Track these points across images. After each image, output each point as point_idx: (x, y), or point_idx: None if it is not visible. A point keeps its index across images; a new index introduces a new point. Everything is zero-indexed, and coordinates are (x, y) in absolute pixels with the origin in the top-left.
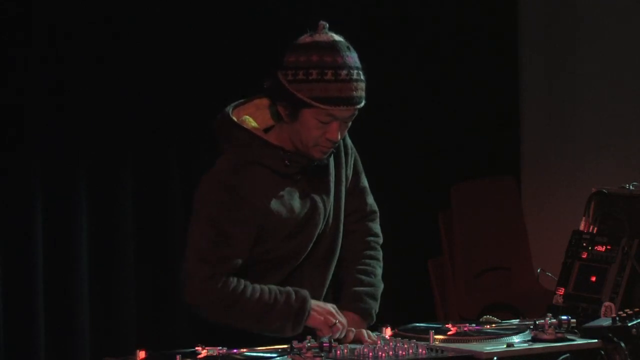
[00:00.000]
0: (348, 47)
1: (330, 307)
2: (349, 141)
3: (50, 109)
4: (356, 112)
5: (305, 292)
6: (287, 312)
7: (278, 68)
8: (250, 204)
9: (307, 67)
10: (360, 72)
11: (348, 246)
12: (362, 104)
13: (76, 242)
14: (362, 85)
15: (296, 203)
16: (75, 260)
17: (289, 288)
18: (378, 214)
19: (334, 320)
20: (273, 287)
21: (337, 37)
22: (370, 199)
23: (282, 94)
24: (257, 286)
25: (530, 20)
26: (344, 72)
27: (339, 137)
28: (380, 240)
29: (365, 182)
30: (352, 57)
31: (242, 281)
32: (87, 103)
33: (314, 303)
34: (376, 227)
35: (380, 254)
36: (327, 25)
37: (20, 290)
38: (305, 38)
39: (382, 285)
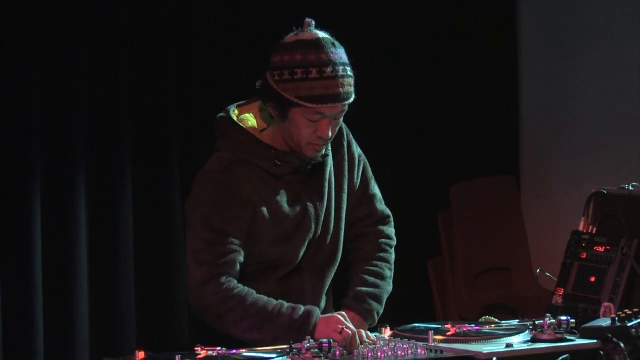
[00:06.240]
0: (333, 44)
1: (337, 314)
2: (356, 150)
3: (49, 107)
4: (346, 108)
5: (314, 308)
6: (291, 324)
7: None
8: (241, 200)
9: (292, 67)
10: (347, 68)
11: (359, 248)
12: (351, 99)
13: (76, 242)
14: (350, 80)
15: (285, 206)
16: (74, 260)
17: (299, 305)
18: (392, 218)
19: (341, 327)
20: (280, 301)
21: (321, 34)
22: (382, 205)
23: (270, 94)
24: (262, 297)
25: (531, 21)
26: (329, 69)
27: (330, 134)
28: (393, 243)
29: (375, 189)
30: (338, 54)
31: (247, 289)
32: (86, 100)
33: (321, 317)
34: (389, 230)
35: (391, 257)
36: (314, 22)
37: (19, 290)
38: (290, 37)
39: (389, 288)
